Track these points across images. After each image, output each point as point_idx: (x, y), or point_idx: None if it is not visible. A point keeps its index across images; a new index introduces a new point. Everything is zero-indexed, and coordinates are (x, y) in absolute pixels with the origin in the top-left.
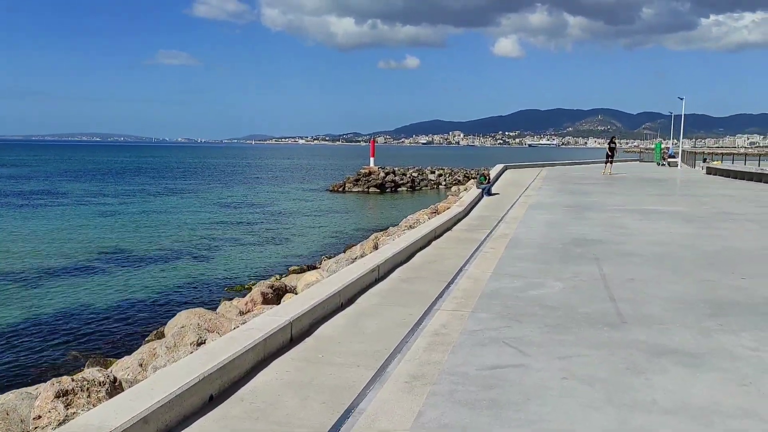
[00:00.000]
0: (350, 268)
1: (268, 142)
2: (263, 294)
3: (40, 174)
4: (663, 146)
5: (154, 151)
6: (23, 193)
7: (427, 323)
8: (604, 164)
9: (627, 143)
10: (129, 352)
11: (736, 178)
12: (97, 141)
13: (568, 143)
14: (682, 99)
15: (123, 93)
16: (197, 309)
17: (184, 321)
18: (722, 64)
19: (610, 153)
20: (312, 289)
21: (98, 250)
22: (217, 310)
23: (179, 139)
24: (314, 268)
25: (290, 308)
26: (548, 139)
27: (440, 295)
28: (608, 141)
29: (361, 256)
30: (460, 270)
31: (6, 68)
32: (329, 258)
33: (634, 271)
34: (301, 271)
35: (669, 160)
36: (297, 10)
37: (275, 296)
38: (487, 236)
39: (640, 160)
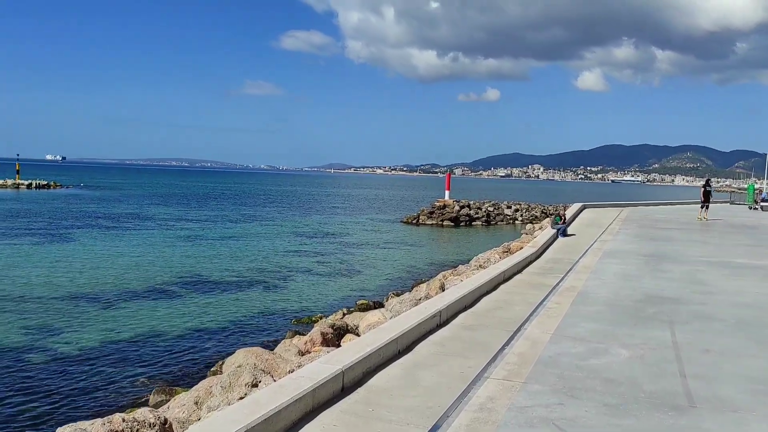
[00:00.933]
0: (411, 312)
1: (347, 171)
2: (323, 334)
3: (131, 197)
4: (756, 187)
5: (237, 177)
6: (113, 216)
7: (473, 394)
8: (699, 209)
9: (718, 182)
10: (191, 383)
11: None
12: (185, 166)
13: (654, 180)
14: None
15: (210, 121)
16: (255, 348)
17: (242, 360)
18: None
19: (704, 197)
20: (369, 335)
21: (176, 275)
22: (276, 349)
23: (262, 166)
24: (380, 305)
25: (344, 356)
26: (632, 176)
27: (493, 360)
28: (703, 183)
29: (426, 298)
30: (519, 329)
31: (104, 97)
32: (396, 295)
33: (711, 339)
34: (367, 308)
35: (762, 203)
36: (380, 43)
37: (335, 336)
38: (554, 288)
39: (731, 202)
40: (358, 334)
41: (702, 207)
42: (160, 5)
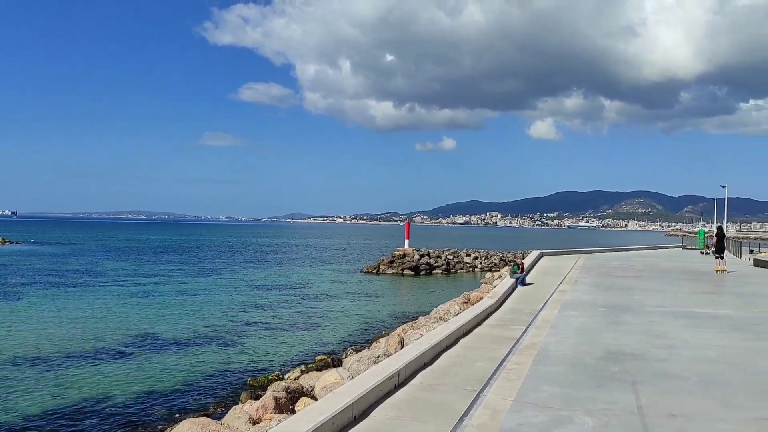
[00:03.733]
0: (368, 373)
1: (306, 220)
2: (276, 399)
3: (83, 252)
4: (706, 232)
5: (196, 229)
6: (62, 272)
7: None
8: (715, 260)
9: (669, 226)
10: None
11: None
12: (142, 219)
13: (608, 225)
14: (724, 187)
15: (168, 173)
16: (201, 419)
17: None
18: (764, 147)
19: (717, 244)
20: (323, 402)
21: (127, 334)
22: (226, 416)
23: (221, 218)
24: (339, 362)
25: (295, 426)
26: (587, 221)
27: None
28: (716, 231)
29: (385, 354)
30: (479, 394)
31: (57, 149)
32: (355, 351)
33: (676, 401)
34: (325, 365)
35: (713, 249)
36: (338, 94)
37: (289, 400)
38: (515, 344)
39: (683, 247)
40: (314, 397)
41: (717, 257)
42: (115, 56)
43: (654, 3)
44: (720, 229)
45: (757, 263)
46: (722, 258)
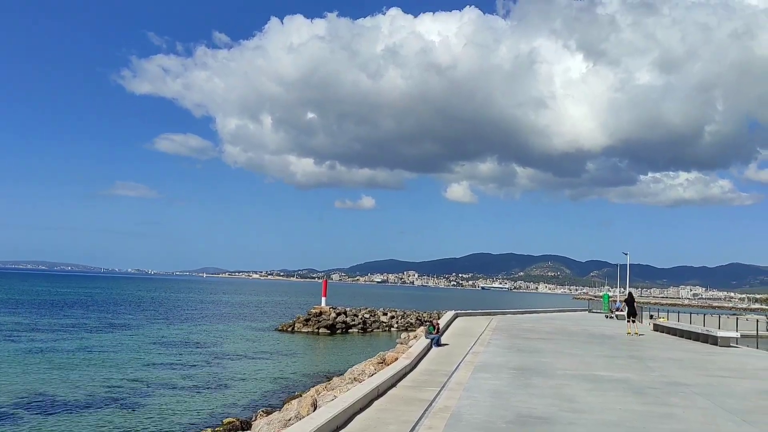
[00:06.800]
0: None
1: (221, 275)
2: None
3: None
4: (611, 297)
5: (101, 282)
6: None
7: None
8: (627, 323)
9: (576, 290)
10: None
11: (682, 337)
12: (42, 269)
13: (520, 287)
14: (626, 254)
15: (74, 222)
16: None
17: None
18: (661, 217)
19: (628, 308)
20: None
21: (14, 395)
22: None
23: (129, 270)
24: (248, 425)
25: None
26: (500, 283)
27: None
28: (627, 297)
29: (297, 417)
30: None
31: None
32: (266, 414)
33: None
34: (232, 429)
35: (617, 313)
36: (258, 149)
37: None
38: (429, 407)
39: (589, 311)
40: None
41: (629, 321)
42: (23, 95)
43: (562, 78)
44: (630, 294)
45: (657, 328)
46: (633, 321)
